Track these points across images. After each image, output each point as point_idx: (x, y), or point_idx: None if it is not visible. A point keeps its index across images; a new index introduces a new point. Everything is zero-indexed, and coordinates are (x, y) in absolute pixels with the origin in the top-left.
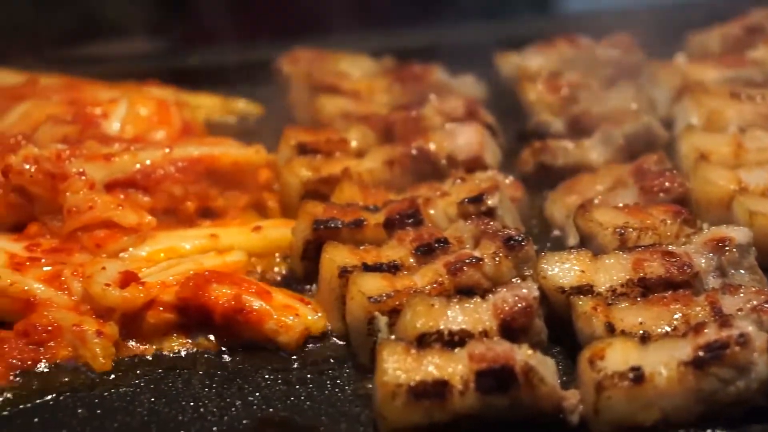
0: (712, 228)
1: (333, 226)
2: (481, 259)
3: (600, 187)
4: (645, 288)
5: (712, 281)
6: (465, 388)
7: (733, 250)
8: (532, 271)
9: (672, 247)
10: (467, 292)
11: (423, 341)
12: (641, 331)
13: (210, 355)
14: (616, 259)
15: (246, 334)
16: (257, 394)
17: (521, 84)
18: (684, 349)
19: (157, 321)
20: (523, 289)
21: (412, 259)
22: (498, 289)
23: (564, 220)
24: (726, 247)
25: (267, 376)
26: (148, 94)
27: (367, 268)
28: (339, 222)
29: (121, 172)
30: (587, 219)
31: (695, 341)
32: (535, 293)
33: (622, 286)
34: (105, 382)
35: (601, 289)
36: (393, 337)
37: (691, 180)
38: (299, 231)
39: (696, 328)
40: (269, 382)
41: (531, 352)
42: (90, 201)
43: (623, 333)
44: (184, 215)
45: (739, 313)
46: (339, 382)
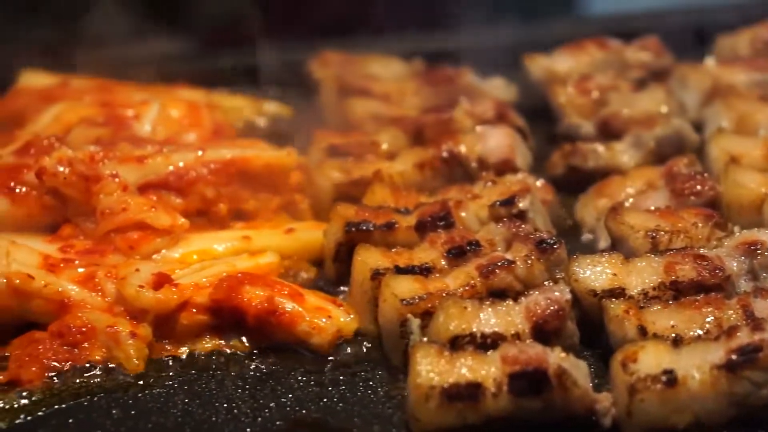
0: (743, 231)
1: (365, 228)
2: (513, 261)
3: (630, 190)
4: (677, 291)
5: (744, 285)
6: (498, 390)
7: (765, 253)
8: (563, 273)
9: (703, 251)
10: (499, 294)
11: (456, 344)
12: (673, 335)
13: (242, 356)
14: (647, 262)
15: (278, 335)
16: (290, 396)
17: (551, 87)
18: (716, 353)
19: (190, 322)
20: (555, 292)
21: (443, 262)
22: (530, 291)
23: (594, 223)
24: (758, 251)
25: (300, 378)
26: (179, 95)
27: (399, 270)
28: (371, 224)
29: (154, 174)
30: (618, 222)
31: (727, 344)
32: (567, 296)
33: (654, 289)
34: (138, 383)
35: (633, 292)
36: (425, 339)
37: (722, 183)
38: (331, 233)
39: (728, 332)
40: (302, 384)
41: (564, 354)
42: (123, 203)
43: (655, 336)
44: (216, 217)
45: None
46: (371, 383)
